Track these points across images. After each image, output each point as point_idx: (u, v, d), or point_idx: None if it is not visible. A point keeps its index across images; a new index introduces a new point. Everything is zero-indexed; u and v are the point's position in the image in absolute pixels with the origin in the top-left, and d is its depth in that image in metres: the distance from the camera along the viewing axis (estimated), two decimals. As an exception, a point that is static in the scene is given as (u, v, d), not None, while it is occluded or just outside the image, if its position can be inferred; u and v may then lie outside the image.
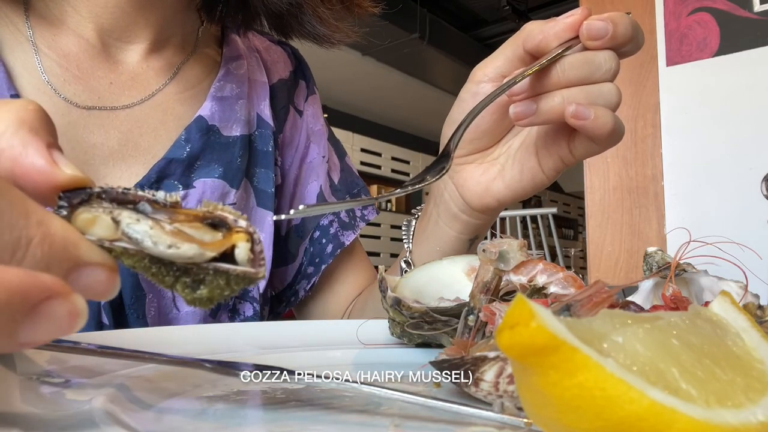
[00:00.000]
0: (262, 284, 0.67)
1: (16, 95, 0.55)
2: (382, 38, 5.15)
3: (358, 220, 0.77)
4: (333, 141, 0.81)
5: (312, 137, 0.76)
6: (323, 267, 0.73)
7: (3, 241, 0.19)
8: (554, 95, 0.44)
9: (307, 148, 0.76)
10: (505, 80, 0.44)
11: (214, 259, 0.24)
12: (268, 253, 0.68)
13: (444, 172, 0.40)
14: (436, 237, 0.59)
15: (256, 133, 0.69)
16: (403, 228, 0.62)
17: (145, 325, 0.57)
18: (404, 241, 0.62)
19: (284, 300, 0.76)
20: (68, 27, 0.60)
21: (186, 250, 0.24)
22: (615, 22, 0.43)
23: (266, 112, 0.70)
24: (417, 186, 0.38)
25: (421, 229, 0.61)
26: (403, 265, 0.61)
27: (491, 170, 0.53)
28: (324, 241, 0.74)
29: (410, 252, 0.62)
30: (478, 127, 0.52)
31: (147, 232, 0.24)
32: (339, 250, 0.73)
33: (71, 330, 0.20)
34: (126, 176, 0.60)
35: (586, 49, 0.44)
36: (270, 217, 0.68)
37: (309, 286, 0.74)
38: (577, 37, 0.44)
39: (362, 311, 0.70)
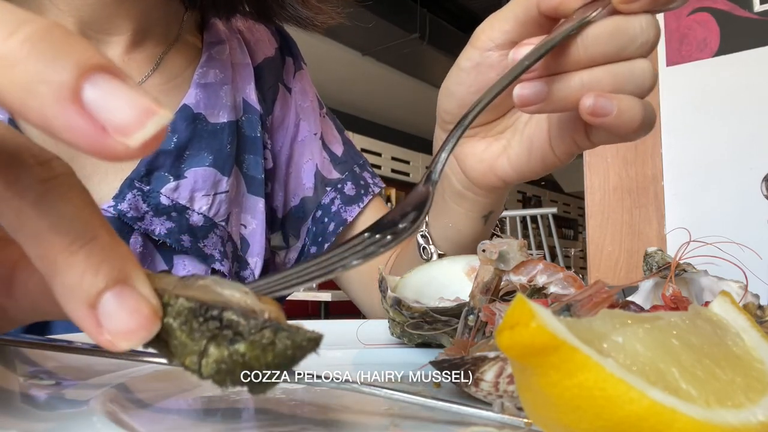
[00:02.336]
0: (258, 270, 0.66)
1: None
2: (382, 38, 5.15)
3: (363, 192, 0.74)
4: (331, 116, 0.79)
5: (301, 114, 0.75)
6: (326, 246, 0.72)
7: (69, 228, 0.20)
8: (571, 78, 0.35)
9: (297, 126, 0.74)
10: (518, 57, 0.35)
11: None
12: (261, 240, 0.67)
13: (421, 219, 0.27)
14: (446, 213, 0.54)
15: (243, 118, 0.68)
16: None
17: None
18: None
19: None
20: None
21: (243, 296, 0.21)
22: None
23: (252, 97, 0.69)
24: (392, 244, 0.25)
25: (435, 201, 0.54)
26: (420, 240, 0.57)
27: (495, 146, 0.46)
28: (326, 219, 0.73)
29: (427, 224, 0.57)
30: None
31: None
32: (341, 228, 0.72)
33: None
34: (112, 172, 0.59)
35: (616, 12, 0.34)
36: (261, 204, 0.68)
37: None
38: None
39: (401, 266, 0.68)
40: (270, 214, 0.71)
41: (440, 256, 0.57)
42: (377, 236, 0.25)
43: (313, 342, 0.21)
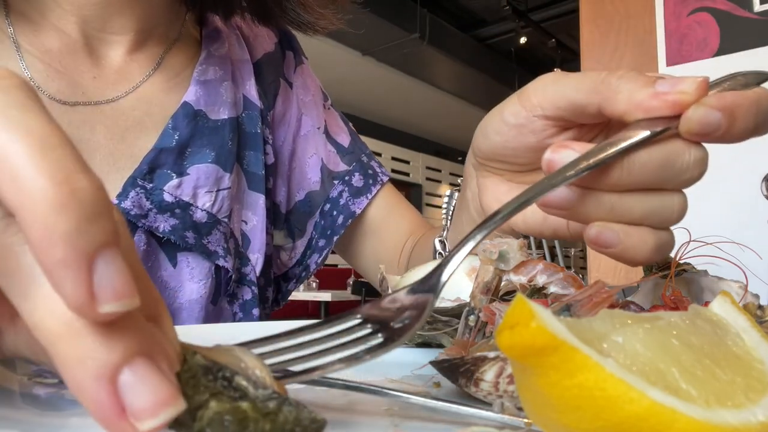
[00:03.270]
0: (259, 266, 0.67)
1: None
2: (382, 38, 5.15)
3: (371, 182, 0.74)
4: (335, 107, 0.80)
5: (303, 109, 0.75)
6: (335, 239, 0.73)
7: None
8: (603, 198, 0.32)
9: (299, 121, 0.74)
10: (554, 163, 0.31)
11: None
12: (261, 236, 0.67)
13: (415, 327, 0.25)
14: (461, 227, 0.52)
15: (244, 115, 0.68)
16: (444, 201, 0.56)
17: None
18: (443, 215, 0.56)
19: (293, 276, 0.75)
20: (50, 22, 0.60)
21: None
22: (734, 115, 0.30)
23: (252, 93, 0.69)
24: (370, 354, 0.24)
25: (456, 213, 0.53)
26: (437, 246, 0.56)
27: (517, 190, 0.40)
28: (335, 213, 0.73)
29: (447, 230, 0.56)
30: (514, 159, 0.41)
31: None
32: (350, 220, 0.72)
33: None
34: (114, 170, 0.59)
35: (669, 135, 0.31)
36: (262, 200, 0.68)
37: (320, 258, 0.73)
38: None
39: (419, 257, 0.68)
40: (272, 210, 0.72)
41: None
42: (368, 333, 0.25)
43: (318, 424, 0.20)
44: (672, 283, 0.38)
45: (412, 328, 0.25)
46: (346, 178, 0.74)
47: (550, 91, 0.36)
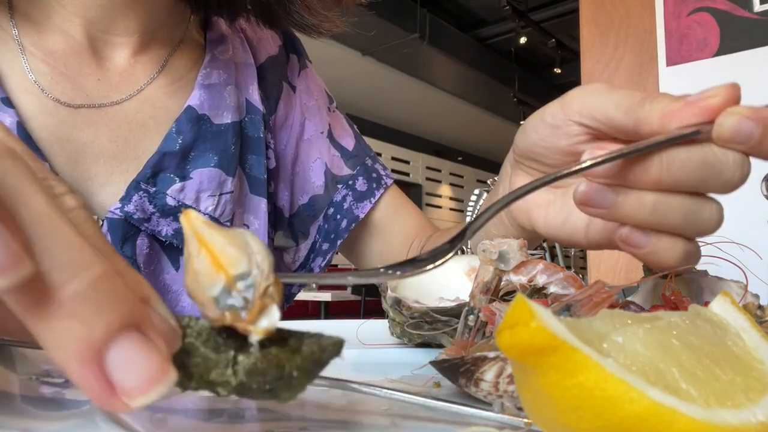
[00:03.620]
0: None
1: (6, 98, 0.55)
2: (382, 38, 5.15)
3: (375, 186, 0.75)
4: (340, 110, 0.80)
5: (306, 113, 0.75)
6: (339, 242, 0.73)
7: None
8: (644, 197, 0.32)
9: (303, 125, 0.74)
10: (588, 157, 0.32)
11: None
12: (263, 240, 0.67)
13: (444, 260, 0.28)
14: (484, 229, 0.54)
15: (246, 119, 0.68)
16: (471, 200, 0.58)
17: None
18: (468, 212, 0.57)
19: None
20: (54, 24, 0.60)
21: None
22: (766, 125, 0.30)
23: (255, 97, 0.69)
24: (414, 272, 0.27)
25: (485, 204, 0.55)
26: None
27: (541, 196, 0.45)
28: (338, 217, 0.73)
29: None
30: (545, 159, 0.42)
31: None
32: (353, 225, 0.73)
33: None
34: (117, 173, 0.59)
35: (707, 141, 0.32)
36: (264, 204, 0.68)
37: (324, 262, 0.74)
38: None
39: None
40: (274, 214, 0.72)
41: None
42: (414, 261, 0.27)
43: (337, 345, 0.22)
44: (672, 283, 0.38)
45: (449, 252, 0.28)
46: (350, 182, 0.74)
47: (591, 101, 0.37)
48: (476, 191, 0.58)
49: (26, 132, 0.54)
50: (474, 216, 0.31)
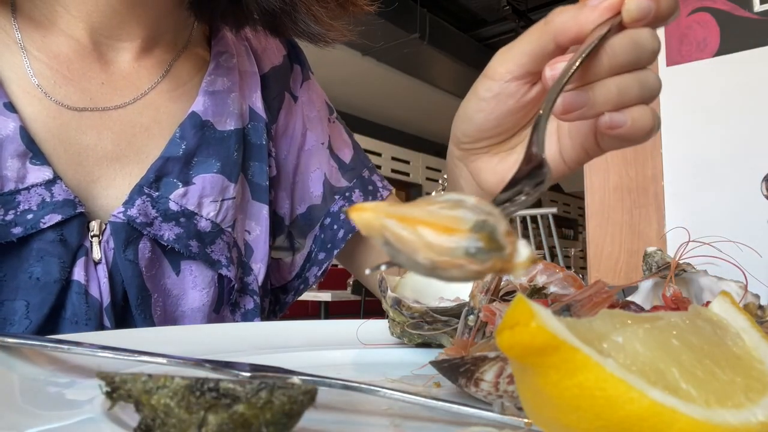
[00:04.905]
0: (261, 276, 0.67)
1: (8, 102, 0.55)
2: (382, 38, 5.15)
3: (371, 198, 0.75)
4: (340, 120, 0.80)
5: (308, 124, 0.75)
6: (335, 252, 0.73)
7: None
8: (608, 83, 0.38)
9: (304, 136, 0.75)
10: (555, 73, 0.38)
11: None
12: (264, 246, 0.68)
13: (543, 187, 0.32)
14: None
15: (249, 126, 0.68)
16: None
17: (152, 325, 0.57)
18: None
19: (291, 289, 0.76)
20: (58, 28, 0.60)
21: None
22: (659, 1, 0.38)
23: (258, 105, 0.70)
24: (515, 207, 0.30)
25: None
26: None
27: (508, 159, 0.49)
28: (335, 227, 0.74)
29: None
30: (499, 128, 0.47)
31: None
32: (350, 235, 0.73)
33: None
34: (120, 176, 0.60)
35: (621, 29, 0.39)
36: (265, 210, 0.68)
37: (320, 272, 0.74)
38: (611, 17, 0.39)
39: None
40: (273, 221, 0.72)
41: None
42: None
43: (309, 395, 0.21)
44: (672, 283, 0.38)
45: (540, 184, 0.31)
46: (347, 194, 0.75)
47: (509, 56, 0.44)
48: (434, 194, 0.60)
49: (29, 136, 0.55)
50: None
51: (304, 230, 0.74)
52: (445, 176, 0.56)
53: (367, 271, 0.27)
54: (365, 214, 0.22)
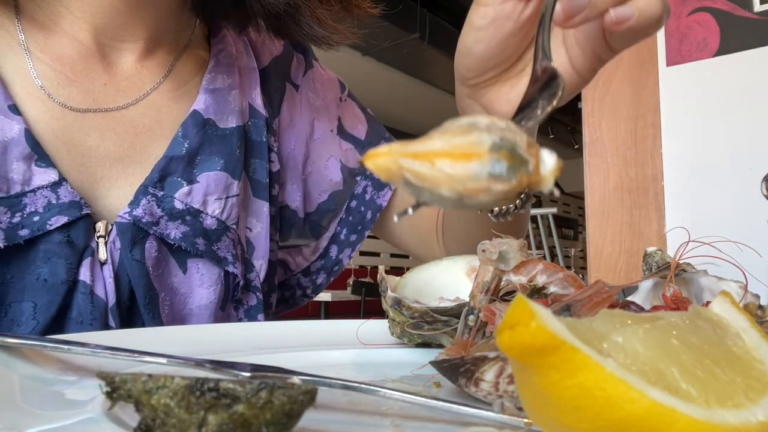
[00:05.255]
0: (263, 273, 0.67)
1: (12, 105, 0.55)
2: (382, 38, 5.15)
3: None
4: (352, 96, 0.80)
5: (315, 114, 0.75)
6: (366, 233, 0.75)
7: None
8: None
9: (312, 125, 0.75)
10: None
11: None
12: (265, 243, 0.68)
13: (558, 96, 0.31)
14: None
15: (250, 123, 0.68)
16: None
17: (160, 324, 0.57)
18: None
19: (320, 270, 0.77)
20: (61, 29, 0.60)
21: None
22: None
23: (258, 101, 0.70)
24: (532, 121, 0.29)
25: None
26: None
27: (519, 85, 0.47)
28: (363, 208, 0.75)
29: None
30: (501, 55, 0.45)
31: None
32: (378, 214, 0.74)
33: None
34: (123, 177, 0.60)
35: None
36: (266, 207, 0.68)
37: (352, 252, 0.76)
38: None
39: (452, 226, 0.70)
40: (283, 216, 0.72)
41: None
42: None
43: (309, 395, 0.21)
44: (672, 283, 0.38)
45: (555, 96, 0.31)
46: (368, 172, 0.74)
47: None
48: None
49: (34, 138, 0.55)
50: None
51: (328, 216, 0.75)
52: None
53: (395, 219, 0.27)
54: (380, 160, 0.21)
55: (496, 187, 0.20)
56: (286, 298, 0.77)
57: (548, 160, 0.21)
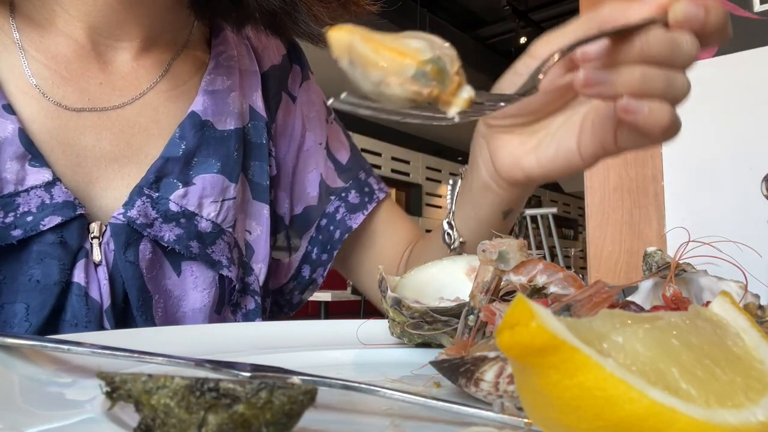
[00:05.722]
0: (262, 276, 0.67)
1: (7, 105, 0.55)
2: (382, 38, 5.14)
3: (367, 200, 0.76)
4: (337, 121, 0.80)
5: (307, 125, 0.76)
6: (335, 252, 0.74)
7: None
8: (633, 67, 0.39)
9: (303, 136, 0.75)
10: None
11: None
12: (265, 246, 0.68)
13: (512, 100, 0.35)
14: (471, 203, 0.58)
15: (250, 125, 0.68)
16: (448, 188, 0.63)
17: (153, 326, 0.57)
18: (447, 201, 0.63)
19: (288, 292, 0.76)
20: (57, 28, 0.60)
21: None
22: (708, 8, 0.39)
23: (258, 104, 0.70)
24: (502, 104, 0.33)
25: (461, 192, 0.60)
26: (445, 227, 0.61)
27: (528, 143, 0.49)
28: (332, 228, 0.74)
29: (453, 214, 0.61)
30: (527, 105, 0.47)
31: None
32: (347, 235, 0.73)
33: None
34: (119, 177, 0.59)
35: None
36: (266, 210, 0.68)
37: (324, 272, 0.75)
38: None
39: (424, 254, 0.70)
40: (273, 220, 0.72)
41: (462, 244, 0.60)
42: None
43: (309, 395, 0.22)
44: (672, 283, 0.38)
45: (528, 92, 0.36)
46: (343, 194, 0.75)
47: (553, 38, 0.44)
48: (450, 181, 0.63)
49: (28, 137, 0.54)
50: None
51: (300, 231, 0.75)
52: (464, 167, 0.60)
53: (330, 101, 0.29)
54: (343, 33, 0.25)
55: (410, 86, 0.24)
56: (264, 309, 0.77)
57: (464, 92, 0.26)
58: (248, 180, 0.67)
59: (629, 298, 0.41)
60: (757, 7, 1.30)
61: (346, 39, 0.25)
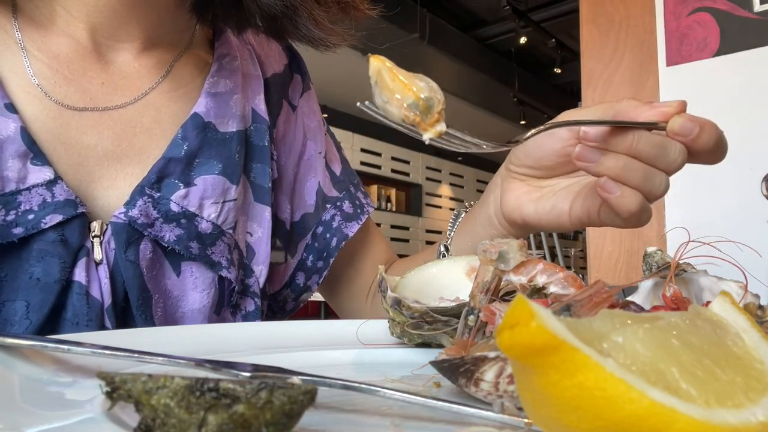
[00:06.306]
0: (263, 278, 0.67)
1: (9, 104, 0.55)
2: (382, 38, 5.16)
3: (359, 211, 0.78)
4: (330, 134, 0.82)
5: (308, 134, 0.76)
6: (331, 260, 0.75)
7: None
8: (620, 158, 0.45)
9: (304, 145, 0.76)
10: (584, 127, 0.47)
11: None
12: (266, 248, 0.68)
13: (484, 146, 0.40)
14: (471, 234, 0.65)
15: (252, 127, 0.68)
16: (451, 217, 0.69)
17: (153, 326, 0.57)
18: (448, 229, 0.68)
19: (282, 298, 0.76)
20: (58, 28, 0.60)
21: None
22: (703, 128, 0.44)
23: (261, 107, 0.70)
24: (453, 139, 0.38)
25: (464, 222, 0.67)
26: (442, 249, 0.67)
27: (533, 194, 0.57)
28: (328, 235, 0.75)
29: (450, 239, 0.67)
30: (541, 161, 0.55)
31: None
32: (343, 242, 0.75)
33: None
34: (121, 176, 0.60)
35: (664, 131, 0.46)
36: (267, 212, 0.68)
37: (320, 279, 0.76)
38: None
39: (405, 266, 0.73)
40: (275, 224, 0.72)
41: None
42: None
43: (309, 395, 0.22)
44: (672, 283, 0.38)
45: (513, 143, 0.44)
46: (338, 203, 0.77)
47: (573, 112, 0.51)
48: (455, 211, 0.67)
49: (30, 136, 0.55)
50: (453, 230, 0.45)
51: (297, 238, 0.75)
52: (470, 203, 0.70)
53: (358, 103, 0.37)
54: (377, 60, 0.36)
55: (404, 111, 0.35)
56: (263, 311, 0.78)
57: (438, 126, 0.35)
58: (250, 182, 0.67)
59: (629, 298, 0.41)
60: (757, 7, 1.30)
61: (378, 65, 0.36)
